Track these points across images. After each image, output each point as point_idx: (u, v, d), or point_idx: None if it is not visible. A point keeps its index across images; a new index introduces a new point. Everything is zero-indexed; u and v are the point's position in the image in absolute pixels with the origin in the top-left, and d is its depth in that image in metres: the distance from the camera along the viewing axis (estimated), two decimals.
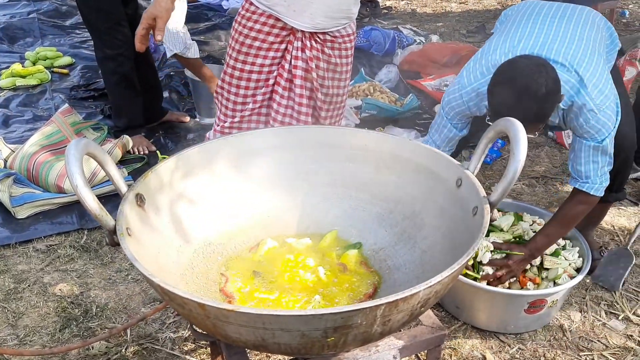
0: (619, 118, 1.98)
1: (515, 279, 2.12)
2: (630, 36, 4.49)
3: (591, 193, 2.02)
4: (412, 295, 1.13)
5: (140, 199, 1.46)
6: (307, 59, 2.03)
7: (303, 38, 2.01)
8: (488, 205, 1.39)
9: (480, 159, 1.55)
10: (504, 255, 2.09)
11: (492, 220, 1.39)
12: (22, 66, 4.22)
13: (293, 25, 1.98)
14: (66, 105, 3.32)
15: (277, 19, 1.98)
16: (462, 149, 2.52)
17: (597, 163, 1.98)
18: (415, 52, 4.53)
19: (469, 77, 2.03)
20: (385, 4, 6.19)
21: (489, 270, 2.08)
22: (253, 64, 2.05)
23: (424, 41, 4.96)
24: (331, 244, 1.72)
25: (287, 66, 2.05)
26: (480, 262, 2.09)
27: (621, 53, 3.53)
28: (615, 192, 2.33)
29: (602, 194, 2.03)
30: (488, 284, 2.09)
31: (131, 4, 3.22)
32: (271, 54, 2.04)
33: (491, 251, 2.10)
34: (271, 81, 2.09)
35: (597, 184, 2.01)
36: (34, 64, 4.31)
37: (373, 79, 4.14)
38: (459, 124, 2.13)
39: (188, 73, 3.57)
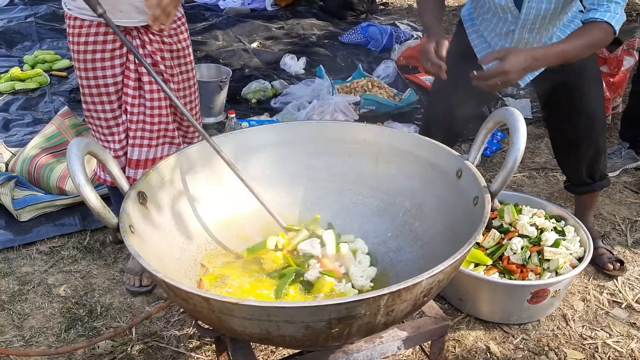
0: None
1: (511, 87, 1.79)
2: (628, 26, 4.48)
3: (612, 23, 1.77)
4: (414, 285, 1.14)
5: (142, 197, 1.47)
6: (150, 53, 2.00)
7: (139, 35, 1.97)
8: (489, 195, 1.40)
9: (480, 149, 1.56)
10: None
11: (492, 209, 1.40)
12: (21, 70, 4.22)
13: (123, 25, 1.93)
14: (66, 107, 3.32)
15: (106, 24, 1.89)
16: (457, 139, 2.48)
17: None
18: (412, 47, 4.53)
19: None
20: (382, 0, 6.19)
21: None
22: (104, 76, 1.99)
23: (421, 36, 4.96)
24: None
25: (132, 66, 2.00)
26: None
27: (619, 43, 3.54)
28: (599, 181, 2.34)
29: (618, 29, 1.79)
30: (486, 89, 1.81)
31: None
32: (117, 61, 1.98)
33: None
34: (119, 87, 2.02)
35: (618, 14, 1.78)
36: (32, 67, 4.31)
37: (371, 74, 4.15)
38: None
39: None
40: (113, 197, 2.30)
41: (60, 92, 4.03)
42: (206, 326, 1.55)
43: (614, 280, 2.38)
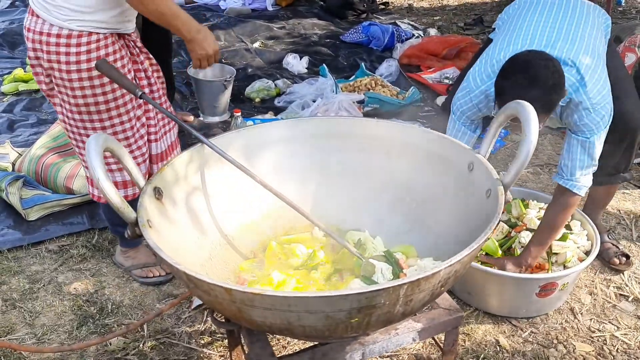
0: (611, 119, 2.00)
1: None
2: (627, 24, 4.51)
3: (573, 191, 2.04)
4: (433, 274, 1.16)
5: (158, 192, 1.49)
6: (140, 49, 2.03)
7: (128, 38, 2.00)
8: (502, 187, 1.41)
9: (492, 142, 1.57)
10: None
11: (505, 201, 1.41)
12: (24, 71, 4.23)
13: (125, 32, 1.95)
14: None
15: (112, 35, 1.90)
16: None
17: (582, 161, 2.01)
18: (414, 46, 4.55)
19: (476, 81, 2.06)
20: (382, 0, 6.21)
21: None
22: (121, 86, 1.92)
23: (422, 35, 4.99)
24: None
25: (140, 67, 2.02)
26: None
27: (619, 40, 3.56)
28: (622, 173, 2.35)
29: (583, 194, 2.06)
30: None
31: None
32: (127, 66, 1.97)
33: None
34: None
35: (580, 182, 2.03)
36: None
37: (373, 73, 4.16)
38: (472, 125, 2.17)
39: (191, 72, 3.59)
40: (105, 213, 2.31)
41: None
42: (222, 319, 1.56)
43: (621, 274, 2.39)
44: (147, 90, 2.07)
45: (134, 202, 1.43)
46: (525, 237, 2.17)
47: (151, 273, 2.34)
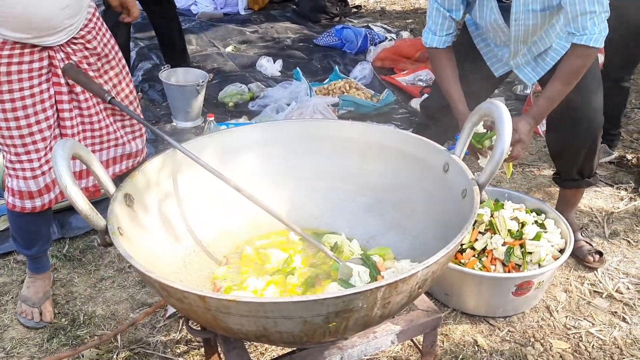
0: None
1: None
2: None
3: (590, 45, 1.87)
4: (410, 276, 1.15)
5: (129, 199, 1.45)
6: (77, 63, 1.90)
7: (62, 48, 1.86)
8: (477, 187, 1.41)
9: (466, 143, 1.58)
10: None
11: (481, 201, 1.41)
12: None
13: (50, 45, 1.83)
14: None
15: (15, 44, 1.77)
16: (444, 142, 2.53)
17: (593, 11, 1.84)
18: (387, 48, 4.57)
19: None
20: (354, 3, 6.23)
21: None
22: (21, 89, 1.81)
23: (395, 38, 5.01)
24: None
25: (63, 81, 1.88)
26: (490, 148, 2.03)
27: None
28: (587, 178, 2.37)
29: (601, 45, 1.89)
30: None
31: None
32: (35, 73, 1.82)
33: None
34: (47, 104, 1.86)
35: (596, 33, 1.87)
36: None
37: (347, 76, 4.16)
38: (445, 2, 2.06)
39: (162, 77, 3.53)
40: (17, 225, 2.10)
41: None
42: (197, 327, 1.53)
43: (594, 271, 2.42)
44: (70, 114, 1.93)
45: None
46: (497, 242, 2.17)
47: (24, 313, 2.13)
